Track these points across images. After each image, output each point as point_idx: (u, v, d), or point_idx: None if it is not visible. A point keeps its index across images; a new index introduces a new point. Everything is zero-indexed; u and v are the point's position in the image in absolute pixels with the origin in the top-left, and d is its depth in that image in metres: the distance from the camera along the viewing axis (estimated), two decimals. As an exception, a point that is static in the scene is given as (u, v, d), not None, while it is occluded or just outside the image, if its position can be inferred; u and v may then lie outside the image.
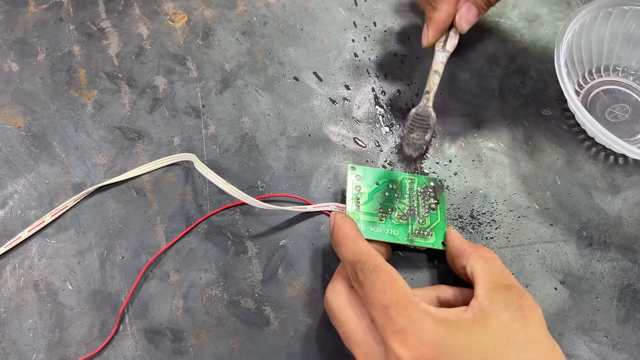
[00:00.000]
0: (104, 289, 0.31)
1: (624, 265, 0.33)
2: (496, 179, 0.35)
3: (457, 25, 0.34)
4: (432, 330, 0.23)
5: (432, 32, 0.33)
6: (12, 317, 0.30)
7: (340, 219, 0.29)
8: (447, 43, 0.34)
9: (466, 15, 0.33)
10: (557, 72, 0.34)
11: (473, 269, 0.27)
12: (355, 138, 0.37)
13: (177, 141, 0.36)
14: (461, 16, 0.34)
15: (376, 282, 0.25)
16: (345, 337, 0.26)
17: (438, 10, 0.32)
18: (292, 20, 0.41)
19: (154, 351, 0.29)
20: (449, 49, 0.34)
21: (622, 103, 0.38)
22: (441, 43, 0.34)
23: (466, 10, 0.33)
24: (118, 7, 0.41)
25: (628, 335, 0.31)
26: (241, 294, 0.31)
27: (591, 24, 0.38)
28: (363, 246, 0.27)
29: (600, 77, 0.39)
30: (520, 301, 0.25)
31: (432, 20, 0.33)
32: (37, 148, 0.35)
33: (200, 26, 0.40)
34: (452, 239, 0.30)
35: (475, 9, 0.33)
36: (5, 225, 0.32)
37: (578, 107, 0.33)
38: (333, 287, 0.27)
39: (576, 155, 0.36)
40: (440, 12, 0.33)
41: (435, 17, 0.33)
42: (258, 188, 0.34)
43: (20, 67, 0.38)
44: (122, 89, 0.37)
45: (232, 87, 0.38)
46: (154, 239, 0.32)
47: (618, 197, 0.35)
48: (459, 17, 0.34)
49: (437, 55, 0.34)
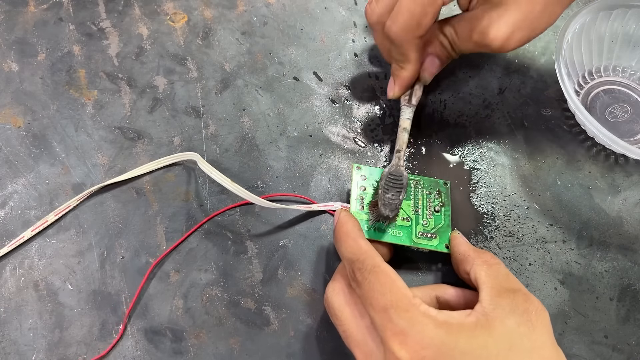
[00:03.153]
0: (104, 289, 0.31)
1: (624, 265, 0.33)
2: (496, 179, 0.35)
3: (421, 77, 0.35)
4: (432, 332, 0.23)
5: (399, 88, 0.34)
6: (12, 317, 0.30)
7: (344, 216, 0.29)
8: (412, 97, 0.35)
9: (430, 68, 0.34)
10: (557, 72, 0.34)
11: (477, 275, 0.26)
12: (355, 138, 0.37)
13: (177, 141, 0.36)
14: (425, 69, 0.34)
15: (375, 282, 0.25)
16: (345, 336, 0.26)
17: (405, 70, 0.33)
18: (292, 20, 0.41)
19: (154, 351, 0.29)
20: (414, 103, 0.35)
21: (622, 103, 0.38)
22: (407, 97, 0.35)
23: (430, 63, 0.34)
24: (118, 7, 0.41)
25: (628, 335, 0.31)
26: (241, 294, 0.31)
27: (591, 24, 0.38)
28: (363, 245, 0.27)
29: (600, 77, 0.39)
30: (527, 305, 0.24)
31: (398, 78, 0.34)
32: (37, 148, 0.35)
33: (200, 26, 0.40)
34: (457, 244, 0.30)
35: (438, 61, 0.34)
36: (5, 225, 0.32)
37: (578, 107, 0.33)
38: (333, 286, 0.27)
39: (576, 155, 0.36)
40: (407, 72, 0.33)
41: (402, 75, 0.34)
42: (258, 188, 0.34)
43: (20, 67, 0.38)
44: (122, 89, 0.37)
45: (232, 87, 0.38)
46: (154, 239, 0.32)
47: (618, 197, 0.35)
48: (423, 69, 0.34)
49: (404, 111, 0.35)
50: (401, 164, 0.32)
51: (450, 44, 0.33)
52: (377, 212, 0.30)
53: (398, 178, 0.31)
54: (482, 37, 0.30)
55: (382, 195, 0.30)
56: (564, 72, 0.34)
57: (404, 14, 0.29)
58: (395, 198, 0.30)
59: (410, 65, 0.33)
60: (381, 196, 0.30)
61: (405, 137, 0.34)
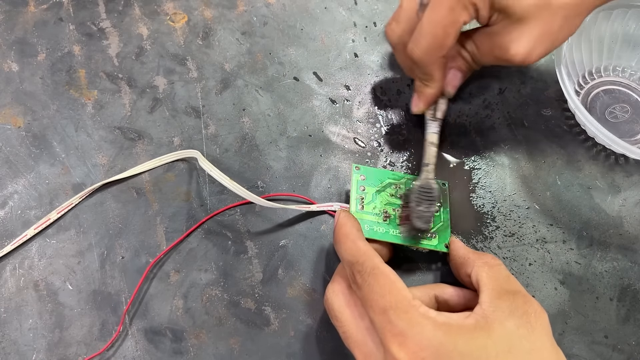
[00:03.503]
0: (104, 289, 0.31)
1: (624, 265, 0.33)
2: (496, 179, 0.35)
3: (444, 90, 0.34)
4: (431, 334, 0.23)
5: (424, 104, 0.34)
6: (12, 317, 0.30)
7: (343, 217, 0.29)
8: (437, 112, 0.35)
9: (452, 82, 0.34)
10: (557, 72, 0.34)
11: (478, 277, 0.26)
12: (355, 138, 0.37)
13: (177, 141, 0.36)
14: (448, 82, 0.34)
15: (374, 284, 0.25)
16: (345, 337, 0.26)
17: (429, 87, 0.33)
18: (292, 20, 0.41)
19: (154, 351, 0.29)
20: (439, 117, 0.35)
21: (622, 103, 0.38)
22: (431, 111, 0.35)
23: (452, 76, 0.34)
24: (118, 7, 0.41)
25: (628, 335, 0.31)
26: (241, 294, 0.31)
27: (591, 24, 0.38)
28: (362, 247, 0.27)
29: (601, 77, 0.39)
30: (526, 307, 0.24)
31: (423, 95, 0.34)
32: (37, 148, 0.35)
33: (200, 26, 0.40)
34: (455, 248, 0.30)
35: (460, 74, 0.34)
36: (5, 225, 0.32)
37: (578, 107, 0.33)
38: (333, 287, 0.27)
39: (576, 155, 0.36)
40: (432, 89, 0.33)
41: (426, 92, 0.34)
42: (258, 188, 0.34)
43: (20, 67, 0.38)
44: (122, 89, 0.37)
45: (232, 87, 0.38)
46: (154, 239, 0.32)
47: (618, 197, 0.35)
48: (445, 83, 0.34)
49: (430, 126, 0.34)
50: (430, 177, 0.32)
51: (471, 58, 0.33)
52: (410, 225, 0.30)
53: (429, 191, 0.31)
54: (503, 52, 0.31)
55: (414, 208, 0.30)
56: (564, 73, 0.34)
57: (426, 36, 0.29)
58: (427, 210, 0.30)
59: (434, 82, 0.33)
60: (413, 209, 0.30)
61: (433, 150, 0.34)
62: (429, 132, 0.34)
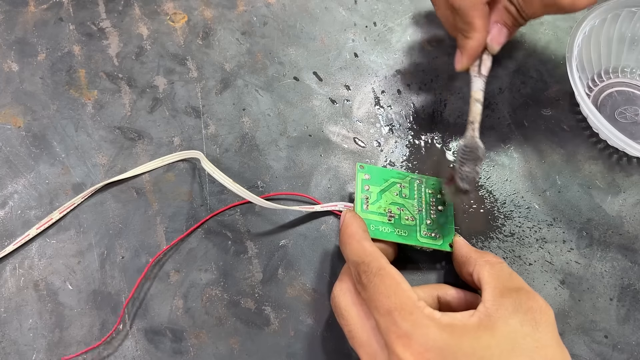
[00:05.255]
0: (104, 289, 0.31)
1: (624, 265, 0.33)
2: (496, 178, 0.35)
3: (489, 47, 0.33)
4: (436, 335, 0.23)
5: (467, 59, 0.33)
6: (12, 317, 0.30)
7: (349, 218, 0.29)
8: (481, 67, 0.33)
9: (497, 38, 0.33)
10: (570, 75, 0.34)
11: (480, 275, 0.26)
12: (355, 138, 0.37)
13: (177, 141, 0.36)
14: (492, 38, 0.33)
15: (380, 285, 0.24)
16: (350, 336, 0.26)
17: (471, 39, 0.32)
18: (292, 20, 0.41)
19: (154, 351, 0.29)
20: (484, 73, 0.33)
21: (632, 105, 0.38)
22: (476, 67, 0.33)
23: (497, 32, 0.33)
24: (118, 7, 0.41)
25: (628, 335, 0.31)
26: (241, 294, 0.31)
27: (600, 26, 0.37)
28: (367, 247, 0.27)
29: (609, 79, 0.39)
30: (530, 303, 0.24)
31: (465, 49, 0.33)
32: (37, 148, 0.35)
33: (200, 26, 0.40)
34: (458, 247, 0.30)
35: (506, 30, 0.33)
36: (5, 225, 0.32)
37: (592, 110, 0.33)
38: (340, 285, 0.27)
39: (576, 155, 0.36)
40: (474, 41, 0.32)
41: (468, 46, 0.32)
42: (258, 188, 0.34)
43: (20, 67, 0.38)
44: (122, 89, 0.37)
45: (232, 87, 0.38)
46: (154, 239, 0.32)
47: (618, 197, 0.35)
48: (490, 39, 0.33)
49: (475, 82, 0.33)
50: (476, 135, 0.31)
51: (517, 10, 0.32)
52: (454, 186, 0.29)
53: (474, 150, 0.30)
54: None
55: (459, 169, 0.29)
56: (577, 77, 0.34)
57: None
58: (471, 171, 0.29)
59: (476, 33, 0.31)
60: (457, 170, 0.29)
61: (479, 108, 0.32)
62: (474, 89, 0.33)
